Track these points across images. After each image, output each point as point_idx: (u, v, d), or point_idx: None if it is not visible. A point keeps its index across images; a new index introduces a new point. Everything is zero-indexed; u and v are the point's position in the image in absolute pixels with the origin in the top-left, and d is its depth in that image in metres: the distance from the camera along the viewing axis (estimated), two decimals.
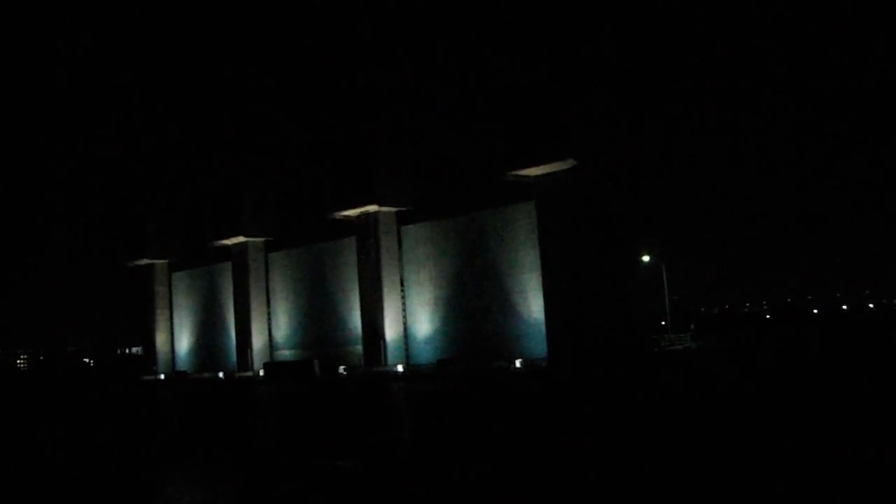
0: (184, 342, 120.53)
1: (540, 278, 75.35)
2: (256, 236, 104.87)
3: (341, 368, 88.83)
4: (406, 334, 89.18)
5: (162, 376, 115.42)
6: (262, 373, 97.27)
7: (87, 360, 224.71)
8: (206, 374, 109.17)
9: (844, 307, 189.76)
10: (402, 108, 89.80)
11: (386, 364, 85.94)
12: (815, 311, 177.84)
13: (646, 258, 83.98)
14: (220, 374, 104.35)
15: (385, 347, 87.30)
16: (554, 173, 72.04)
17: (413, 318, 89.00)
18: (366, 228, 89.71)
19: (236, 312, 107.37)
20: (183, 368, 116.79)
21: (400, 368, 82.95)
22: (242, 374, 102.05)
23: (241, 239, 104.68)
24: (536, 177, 73.42)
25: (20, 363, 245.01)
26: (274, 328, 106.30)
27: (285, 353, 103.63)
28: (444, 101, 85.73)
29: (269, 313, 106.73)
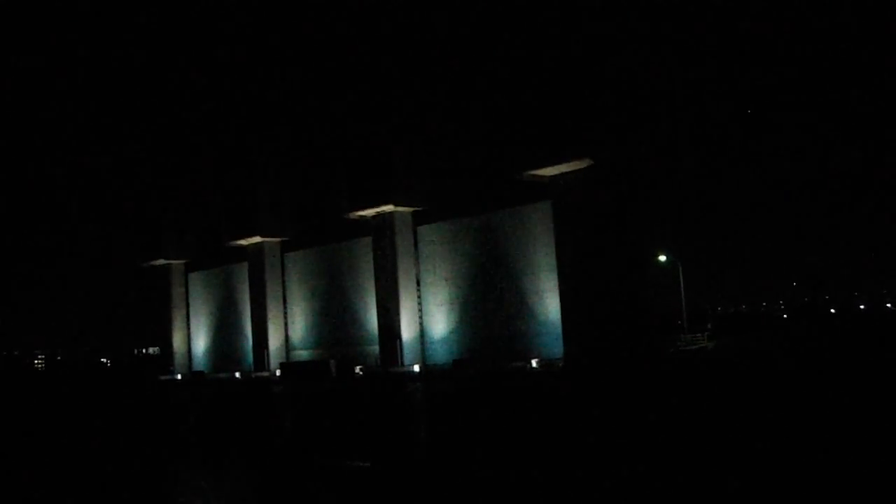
0: (200, 342, 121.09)
1: (556, 278, 75.23)
2: (272, 236, 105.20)
3: (357, 368, 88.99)
4: (422, 334, 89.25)
5: (179, 376, 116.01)
6: (278, 373, 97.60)
7: (103, 360, 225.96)
8: (222, 375, 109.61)
9: (862, 306, 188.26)
10: (417, 108, 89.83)
11: (402, 364, 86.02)
12: (833, 310, 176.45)
13: (662, 258, 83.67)
14: (237, 374, 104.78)
15: (401, 347, 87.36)
16: (570, 173, 71.92)
17: (429, 318, 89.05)
18: (381, 228, 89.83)
19: (252, 312, 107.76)
20: (199, 368, 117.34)
21: (416, 368, 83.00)
22: (259, 374, 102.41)
23: (257, 239, 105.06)
24: (552, 176, 73.32)
25: (37, 364, 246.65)
26: (290, 328, 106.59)
27: (301, 354, 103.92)
28: (459, 101, 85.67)
29: (285, 313, 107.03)
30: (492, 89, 78.57)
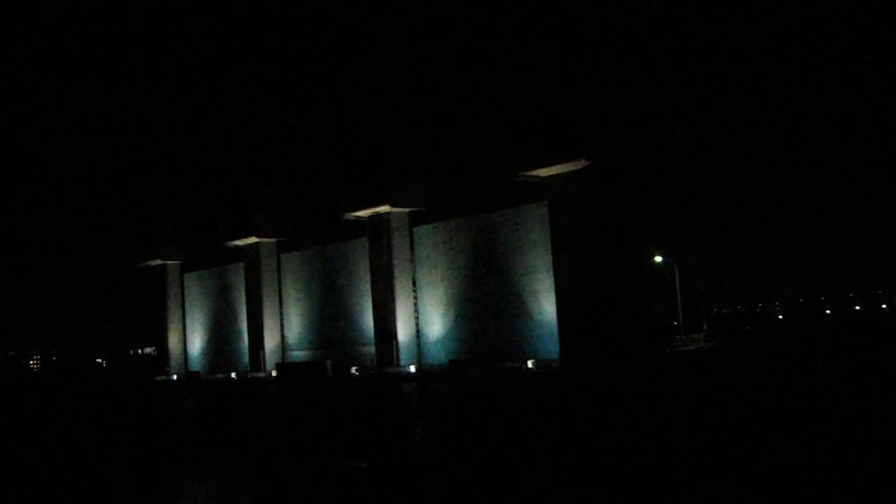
0: (196, 343, 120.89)
1: (552, 278, 75.26)
2: (269, 237, 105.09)
3: (353, 369, 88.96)
4: (418, 335, 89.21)
5: (174, 377, 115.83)
6: (274, 374, 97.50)
7: (99, 360, 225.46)
8: (218, 375, 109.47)
9: (857, 307, 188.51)
10: (414, 109, 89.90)
11: (398, 365, 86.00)
12: (828, 311, 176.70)
13: (658, 258, 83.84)
14: (233, 375, 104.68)
15: (397, 348, 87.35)
16: (566, 174, 71.96)
17: (425, 318, 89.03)
18: (378, 229, 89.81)
19: (248, 313, 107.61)
20: (195, 369, 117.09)
21: (412, 369, 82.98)
22: (255, 374, 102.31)
23: (253, 240, 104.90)
24: (548, 177, 73.37)
25: (33, 364, 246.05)
26: (286, 329, 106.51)
27: (297, 354, 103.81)
28: (456, 102, 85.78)
29: (281, 314, 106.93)
30: (488, 91, 78.65)
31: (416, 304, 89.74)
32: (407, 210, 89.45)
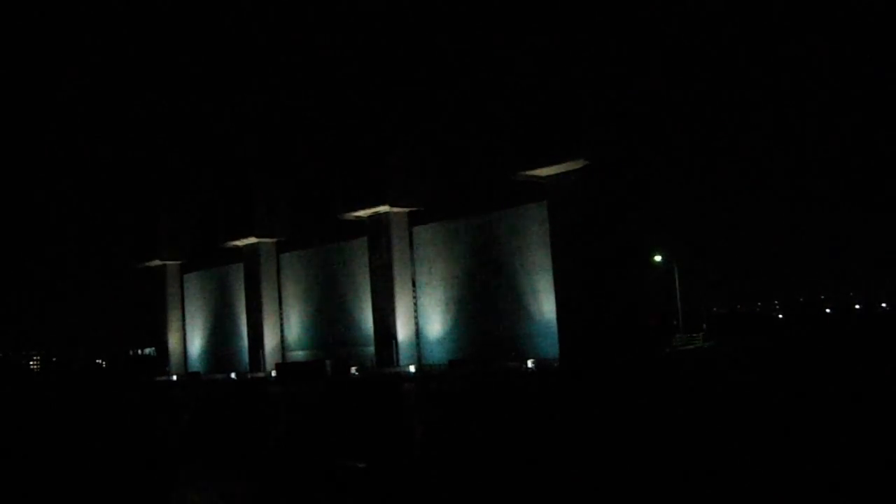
0: (196, 343, 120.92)
1: (551, 278, 75.24)
2: (268, 237, 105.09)
3: (353, 369, 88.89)
4: (418, 335, 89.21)
5: (174, 377, 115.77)
6: (274, 373, 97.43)
7: (99, 361, 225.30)
8: (218, 375, 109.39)
9: (857, 306, 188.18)
10: (413, 109, 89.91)
11: (398, 365, 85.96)
12: (828, 310, 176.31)
13: (657, 258, 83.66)
14: (233, 375, 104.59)
15: (397, 348, 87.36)
16: (565, 173, 71.98)
17: (425, 318, 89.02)
18: (377, 229, 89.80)
19: (248, 313, 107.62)
20: (195, 369, 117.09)
21: (412, 369, 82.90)
22: (255, 374, 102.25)
23: (252, 240, 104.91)
24: (548, 177, 73.38)
25: (33, 365, 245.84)
26: (286, 329, 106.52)
27: (297, 354, 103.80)
28: (455, 102, 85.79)
29: (280, 314, 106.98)
30: (488, 91, 78.67)
31: (415, 304, 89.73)
32: (406, 210, 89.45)
